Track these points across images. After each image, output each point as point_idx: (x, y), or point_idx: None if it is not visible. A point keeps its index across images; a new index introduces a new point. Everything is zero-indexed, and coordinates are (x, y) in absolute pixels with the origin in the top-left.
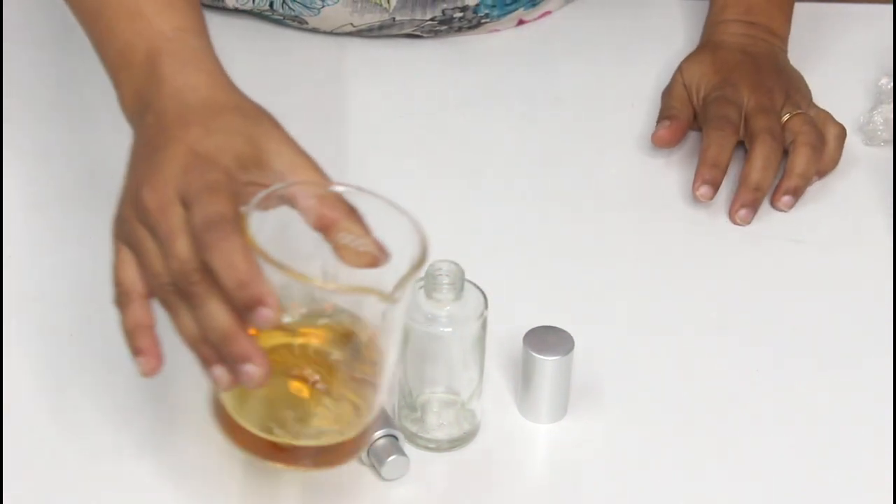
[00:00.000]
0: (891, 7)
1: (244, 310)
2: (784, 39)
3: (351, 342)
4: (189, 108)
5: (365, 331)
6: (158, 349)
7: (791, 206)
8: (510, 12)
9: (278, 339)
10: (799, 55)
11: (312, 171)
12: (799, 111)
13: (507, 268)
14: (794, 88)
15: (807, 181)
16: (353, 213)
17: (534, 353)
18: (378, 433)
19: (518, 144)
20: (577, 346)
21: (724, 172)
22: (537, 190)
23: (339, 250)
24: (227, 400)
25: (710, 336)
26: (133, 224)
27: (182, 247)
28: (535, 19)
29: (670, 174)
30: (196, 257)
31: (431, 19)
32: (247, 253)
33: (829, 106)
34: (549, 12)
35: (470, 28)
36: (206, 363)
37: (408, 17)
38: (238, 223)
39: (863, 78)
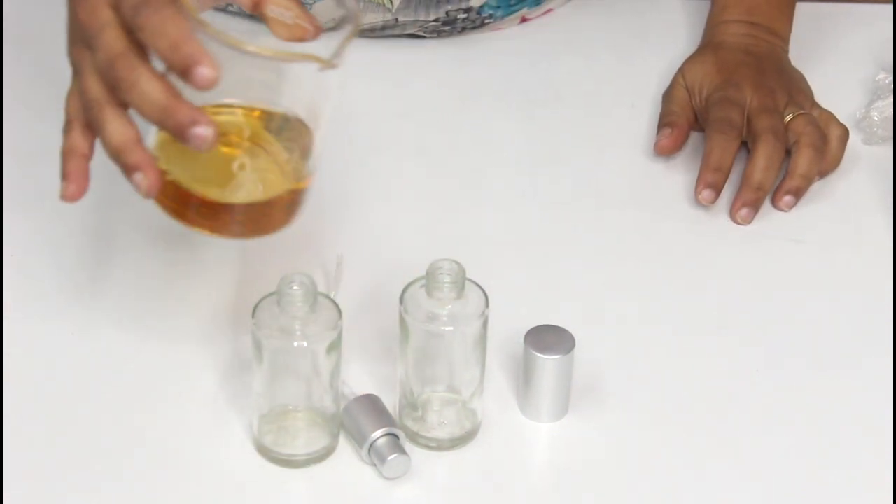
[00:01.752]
0: (891, 7)
1: (182, 73)
2: (785, 40)
3: (278, 115)
4: None
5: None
6: (85, 177)
7: (792, 207)
8: (514, 12)
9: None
10: (799, 55)
11: None
12: (802, 111)
13: (508, 266)
14: (796, 89)
15: (809, 182)
16: None
17: (535, 352)
18: (379, 432)
19: (519, 143)
20: (578, 345)
21: (727, 176)
22: (539, 188)
23: (270, 23)
24: (165, 163)
25: (710, 336)
26: (77, 50)
27: (109, 36)
28: (537, 17)
29: (671, 174)
30: (123, 44)
31: (435, 20)
32: (178, 20)
33: (829, 105)
34: (551, 10)
35: (474, 28)
36: (127, 171)
37: (411, 18)
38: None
39: (863, 77)
